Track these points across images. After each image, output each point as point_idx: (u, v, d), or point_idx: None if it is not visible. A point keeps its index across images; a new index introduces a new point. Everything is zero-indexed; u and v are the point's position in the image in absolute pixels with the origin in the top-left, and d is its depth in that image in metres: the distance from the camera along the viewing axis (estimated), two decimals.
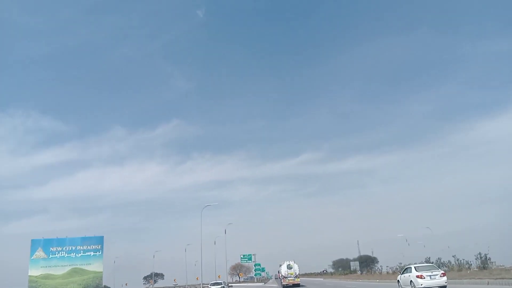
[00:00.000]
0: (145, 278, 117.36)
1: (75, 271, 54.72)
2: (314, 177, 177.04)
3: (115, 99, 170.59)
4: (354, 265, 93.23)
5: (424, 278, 19.65)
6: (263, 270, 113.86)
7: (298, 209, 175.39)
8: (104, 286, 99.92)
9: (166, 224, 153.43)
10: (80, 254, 55.75)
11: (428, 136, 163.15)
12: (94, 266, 55.88)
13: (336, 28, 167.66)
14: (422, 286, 19.46)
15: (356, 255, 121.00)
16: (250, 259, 72.41)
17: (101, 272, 56.31)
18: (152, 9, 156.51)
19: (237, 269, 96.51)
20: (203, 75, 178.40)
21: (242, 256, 72.78)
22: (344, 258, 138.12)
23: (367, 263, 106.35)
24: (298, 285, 42.88)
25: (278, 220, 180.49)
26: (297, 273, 43.62)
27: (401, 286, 22.26)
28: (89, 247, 56.54)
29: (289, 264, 43.48)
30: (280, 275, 47.28)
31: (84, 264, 55.45)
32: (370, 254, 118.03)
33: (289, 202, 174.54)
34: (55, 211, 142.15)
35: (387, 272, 49.63)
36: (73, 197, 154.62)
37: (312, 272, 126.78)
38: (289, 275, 42.97)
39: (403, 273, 22.65)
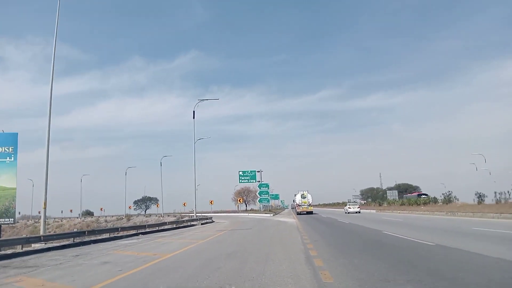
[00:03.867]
0: (135, 202, 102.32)
1: None
2: (333, 113, 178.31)
3: (133, 27, 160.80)
4: (392, 195, 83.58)
5: (350, 208, 45.02)
6: (275, 197, 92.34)
7: (316, 145, 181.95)
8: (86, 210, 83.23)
9: (185, 156, 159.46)
10: None
11: (454, 75, 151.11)
12: (4, 180, 34.83)
13: None
14: (349, 211, 43.95)
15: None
16: (253, 177, 48.82)
17: (14, 189, 35.08)
18: None
19: (242, 195, 72.88)
20: (224, 5, 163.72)
21: (241, 174, 48.77)
22: (375, 187, 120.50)
23: (407, 192, 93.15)
24: (311, 212, 44.89)
25: (296, 155, 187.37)
26: (310, 202, 45.86)
27: (345, 210, 45.91)
28: None
29: (303, 194, 45.31)
30: (295, 203, 48.71)
31: None
32: (393, 186, 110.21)
33: (306, 138, 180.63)
34: (79, 140, 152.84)
35: (480, 201, 32.35)
36: (96, 127, 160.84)
37: (337, 202, 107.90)
38: (303, 204, 45.15)
39: (345, 206, 50.78)
